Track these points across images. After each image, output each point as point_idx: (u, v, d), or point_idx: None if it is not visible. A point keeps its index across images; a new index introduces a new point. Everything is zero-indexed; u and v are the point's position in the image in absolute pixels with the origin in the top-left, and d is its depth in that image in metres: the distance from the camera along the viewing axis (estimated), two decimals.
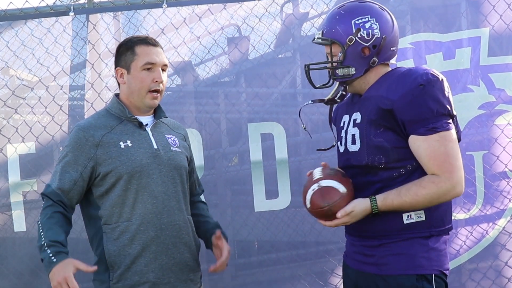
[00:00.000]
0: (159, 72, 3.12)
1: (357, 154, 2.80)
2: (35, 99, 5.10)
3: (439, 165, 2.65)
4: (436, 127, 2.66)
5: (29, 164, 4.97)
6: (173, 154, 3.16)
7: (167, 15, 5.07)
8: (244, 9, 5.08)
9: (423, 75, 2.68)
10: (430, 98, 2.66)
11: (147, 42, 3.13)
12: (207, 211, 3.40)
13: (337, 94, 2.88)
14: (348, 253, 2.94)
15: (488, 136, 4.86)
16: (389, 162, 2.72)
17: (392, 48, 2.84)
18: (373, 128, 2.74)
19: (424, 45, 4.91)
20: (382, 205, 2.70)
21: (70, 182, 3.03)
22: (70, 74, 5.12)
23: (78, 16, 5.06)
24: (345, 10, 2.84)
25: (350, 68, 2.81)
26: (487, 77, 4.86)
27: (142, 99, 3.12)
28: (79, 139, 3.06)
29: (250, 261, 5.07)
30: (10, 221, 4.91)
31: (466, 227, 4.91)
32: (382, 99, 2.72)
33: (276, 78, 5.10)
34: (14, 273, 4.95)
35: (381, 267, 2.75)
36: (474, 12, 4.96)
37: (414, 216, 2.73)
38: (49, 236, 2.94)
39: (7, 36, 5.11)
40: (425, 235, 2.73)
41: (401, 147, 2.71)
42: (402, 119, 2.67)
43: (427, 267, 2.72)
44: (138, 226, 3.04)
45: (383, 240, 2.76)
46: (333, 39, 2.82)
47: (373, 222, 2.76)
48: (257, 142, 4.93)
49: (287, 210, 4.94)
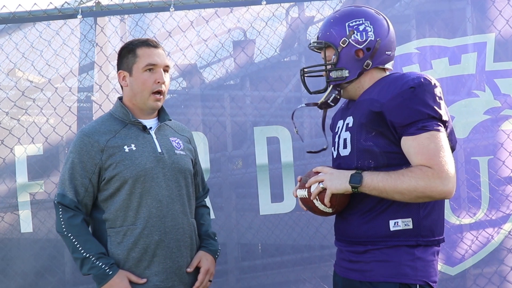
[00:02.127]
0: (161, 73, 3.13)
1: (348, 158, 2.78)
2: (41, 101, 5.12)
3: (428, 159, 2.57)
4: (426, 125, 2.60)
5: (36, 165, 5.00)
6: (177, 157, 3.16)
7: (174, 18, 5.08)
8: (250, 13, 5.09)
9: (415, 79, 2.66)
10: (420, 101, 2.62)
11: (148, 44, 3.14)
12: (208, 215, 3.40)
13: (329, 97, 2.86)
14: (337, 260, 2.92)
15: (494, 141, 4.84)
16: (378, 167, 2.69)
17: (387, 52, 2.82)
18: (364, 132, 2.72)
19: (429, 50, 4.90)
20: (367, 174, 2.63)
21: (82, 190, 3.06)
22: (77, 76, 5.14)
23: (86, 19, 5.08)
24: (340, 14, 2.85)
25: (344, 71, 2.81)
26: (493, 83, 4.84)
27: (145, 101, 3.13)
28: (84, 145, 3.07)
29: (255, 264, 5.07)
30: (17, 222, 4.93)
31: (471, 231, 4.90)
32: (372, 101, 2.70)
33: (282, 81, 5.11)
34: (20, 274, 4.97)
35: (365, 273, 2.72)
36: (479, 17, 4.96)
37: (401, 223, 2.68)
38: (91, 248, 3.00)
39: (16, 38, 5.14)
40: (411, 243, 2.68)
41: (391, 152, 2.68)
42: (391, 120, 2.64)
43: (412, 276, 2.67)
44: (142, 229, 3.06)
45: (368, 246, 2.72)
46: (327, 41, 2.82)
47: (360, 228, 2.74)
48: (263, 145, 4.94)
49: (292, 214, 4.94)
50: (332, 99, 2.86)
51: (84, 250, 2.99)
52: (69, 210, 3.04)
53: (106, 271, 2.98)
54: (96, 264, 2.98)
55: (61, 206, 3.06)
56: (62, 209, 3.05)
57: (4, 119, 5.13)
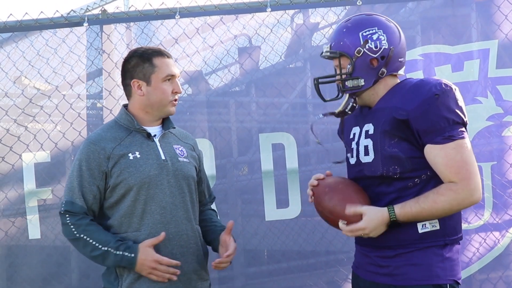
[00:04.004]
0: (177, 83, 3.20)
1: (371, 165, 2.81)
2: (48, 108, 5.16)
3: (457, 173, 2.67)
4: (452, 135, 2.69)
5: (44, 172, 5.03)
6: (181, 165, 3.19)
7: (179, 25, 5.11)
8: (256, 20, 5.11)
9: (437, 85, 2.71)
10: (445, 107, 2.69)
11: (163, 54, 3.19)
12: (216, 217, 3.42)
13: (347, 106, 2.90)
14: (360, 264, 2.93)
15: (498, 147, 4.85)
16: (404, 172, 2.74)
17: (400, 59, 2.87)
18: (387, 138, 2.76)
19: (433, 56, 4.91)
20: (401, 212, 2.71)
21: (90, 197, 3.09)
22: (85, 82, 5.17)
23: (92, 27, 5.11)
24: (352, 23, 2.87)
25: (360, 80, 2.84)
26: (495, 89, 4.85)
27: (163, 108, 3.18)
28: (91, 152, 3.10)
29: (261, 270, 5.07)
30: (24, 228, 4.96)
31: (476, 236, 4.90)
32: (396, 109, 2.74)
33: (287, 88, 5.12)
34: (27, 280, 5.00)
35: (397, 277, 2.76)
36: (484, 22, 4.95)
37: (428, 225, 2.74)
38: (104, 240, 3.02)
39: (22, 46, 5.18)
40: (440, 244, 2.75)
41: (416, 157, 2.73)
42: (417, 128, 2.70)
43: (443, 276, 2.74)
44: (146, 236, 3.07)
45: (398, 250, 2.77)
46: (342, 51, 2.85)
47: (388, 233, 2.76)
48: (268, 152, 4.95)
49: (298, 220, 4.95)
50: (350, 108, 2.90)
51: (102, 245, 3.02)
52: (74, 215, 3.07)
53: (128, 256, 3.01)
54: (118, 254, 3.01)
55: (68, 213, 3.08)
56: (70, 215, 3.07)
57: (12, 126, 5.17)
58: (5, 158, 5.05)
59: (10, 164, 5.03)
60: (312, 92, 5.07)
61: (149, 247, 3.02)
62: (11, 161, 5.04)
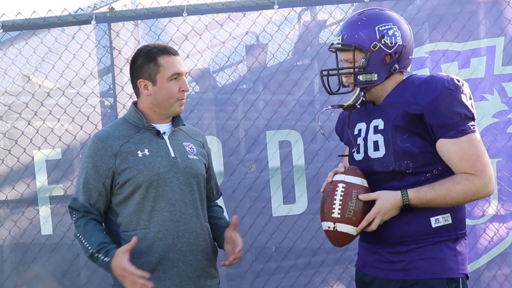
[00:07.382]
0: (185, 81, 3.16)
1: (382, 160, 2.81)
2: (57, 106, 5.18)
3: (472, 165, 2.70)
4: (464, 129, 2.71)
5: (55, 169, 5.06)
6: (190, 162, 3.18)
7: (187, 23, 5.12)
8: (263, 17, 5.12)
9: (449, 80, 2.73)
10: (458, 102, 2.71)
11: (169, 52, 3.15)
12: (222, 213, 3.41)
13: (358, 99, 2.87)
14: (367, 262, 2.92)
15: (503, 143, 4.85)
16: (416, 167, 2.75)
17: (410, 56, 2.89)
18: (399, 133, 2.77)
19: (440, 54, 4.91)
20: (415, 196, 2.72)
21: (95, 194, 3.09)
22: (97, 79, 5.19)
23: (99, 25, 5.13)
24: (367, 17, 2.85)
25: (373, 74, 2.82)
26: (501, 86, 4.85)
27: (170, 107, 3.16)
28: (98, 149, 3.11)
29: (269, 267, 5.09)
30: (34, 225, 5.00)
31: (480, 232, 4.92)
32: (409, 104, 2.75)
33: (294, 85, 5.13)
34: (37, 278, 5.03)
35: (410, 272, 2.77)
36: (492, 19, 4.95)
37: (441, 220, 2.76)
38: (92, 242, 3.02)
39: (32, 45, 5.19)
40: (453, 237, 2.77)
41: (428, 151, 2.75)
42: (430, 123, 2.71)
43: (455, 270, 2.76)
44: (155, 233, 3.08)
45: (411, 245, 2.77)
46: (357, 44, 2.82)
47: (400, 229, 2.78)
48: (275, 149, 4.97)
49: (305, 217, 4.96)
50: (360, 102, 2.88)
51: (90, 247, 3.02)
52: (78, 213, 3.09)
53: (104, 261, 2.99)
54: (99, 257, 3.01)
55: (73, 210, 3.11)
56: (74, 213, 3.10)
57: (20, 125, 5.19)
58: (16, 155, 5.08)
59: (21, 162, 5.06)
60: (319, 89, 5.08)
61: (123, 253, 2.97)
62: (22, 158, 5.07)
